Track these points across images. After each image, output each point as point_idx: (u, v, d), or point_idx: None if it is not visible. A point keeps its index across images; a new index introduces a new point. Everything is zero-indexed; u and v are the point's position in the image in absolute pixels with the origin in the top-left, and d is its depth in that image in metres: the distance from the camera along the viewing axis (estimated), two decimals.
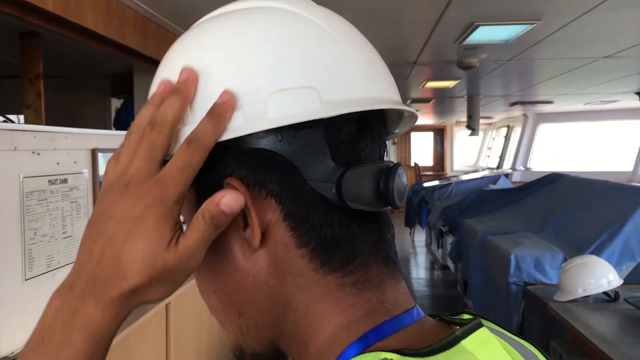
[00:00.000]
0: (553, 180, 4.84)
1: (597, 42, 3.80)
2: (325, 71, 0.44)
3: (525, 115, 10.18)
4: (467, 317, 0.47)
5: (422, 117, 11.40)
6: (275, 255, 0.44)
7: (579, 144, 11.26)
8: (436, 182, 8.79)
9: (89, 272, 0.44)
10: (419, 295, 5.92)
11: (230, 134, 0.43)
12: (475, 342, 0.42)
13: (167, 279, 0.43)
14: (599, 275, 2.66)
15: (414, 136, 14.16)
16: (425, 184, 8.77)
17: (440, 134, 14.11)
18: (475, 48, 3.83)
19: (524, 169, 10.09)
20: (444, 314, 0.48)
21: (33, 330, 0.45)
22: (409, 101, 7.70)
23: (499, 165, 11.37)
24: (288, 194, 0.43)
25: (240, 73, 0.43)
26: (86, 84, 5.19)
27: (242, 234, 0.45)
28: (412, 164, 12.98)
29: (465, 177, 9.07)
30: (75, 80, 5.10)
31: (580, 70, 4.93)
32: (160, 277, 0.43)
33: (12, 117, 4.78)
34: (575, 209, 3.92)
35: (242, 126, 0.43)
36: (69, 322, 0.43)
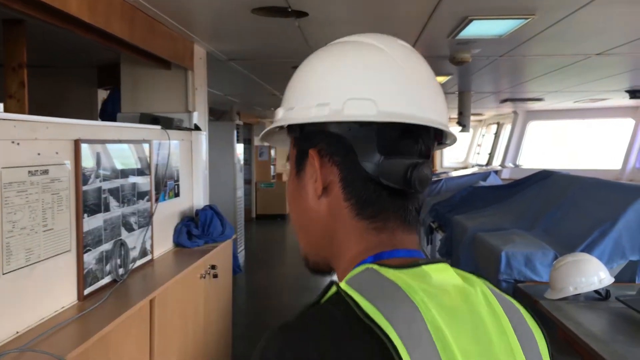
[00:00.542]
0: (544, 177, 4.82)
1: (590, 39, 3.77)
2: (385, 90, 0.68)
3: (515, 112, 10.19)
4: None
5: None
6: (331, 203, 0.71)
7: (566, 142, 11.30)
8: None
9: None
10: None
11: (321, 119, 0.69)
12: (433, 268, 0.64)
13: None
14: (591, 273, 2.64)
15: None
16: None
17: None
18: (468, 43, 3.79)
19: (513, 166, 10.10)
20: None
21: None
22: None
23: (489, 162, 11.39)
24: (345, 165, 0.69)
25: (331, 83, 0.70)
26: (72, 74, 5.09)
27: (314, 185, 0.71)
28: None
29: (455, 174, 9.05)
30: (61, 70, 5.00)
31: (572, 68, 4.91)
32: None
33: None
34: (566, 206, 3.90)
35: (327, 116, 0.68)
36: None
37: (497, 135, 11.63)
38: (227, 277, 3.84)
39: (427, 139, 0.71)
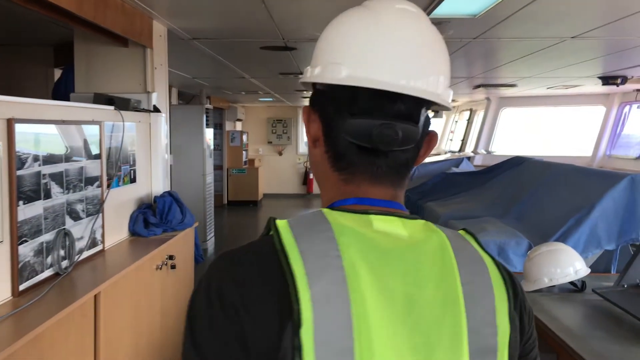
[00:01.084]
0: (516, 163, 4.71)
1: (566, 20, 3.65)
2: (358, 55, 0.73)
3: (488, 98, 10.12)
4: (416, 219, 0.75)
5: None
6: (320, 154, 0.80)
7: (538, 129, 11.30)
8: None
9: None
10: None
11: (303, 80, 0.81)
12: (381, 218, 0.71)
13: None
14: (566, 263, 2.52)
15: None
16: None
17: None
18: (441, 23, 3.63)
19: (485, 153, 10.06)
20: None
21: None
22: None
23: (461, 149, 11.34)
24: (326, 122, 0.77)
25: (321, 47, 0.79)
26: (26, 53, 4.80)
27: (309, 136, 0.81)
28: None
29: (427, 160, 8.95)
30: (13, 48, 4.70)
31: (546, 52, 4.80)
32: None
33: None
34: (540, 193, 3.78)
35: (308, 77, 0.80)
36: None
37: (469, 121, 11.57)
38: (188, 268, 3.65)
39: (409, 100, 0.73)
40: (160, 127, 3.64)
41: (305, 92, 8.87)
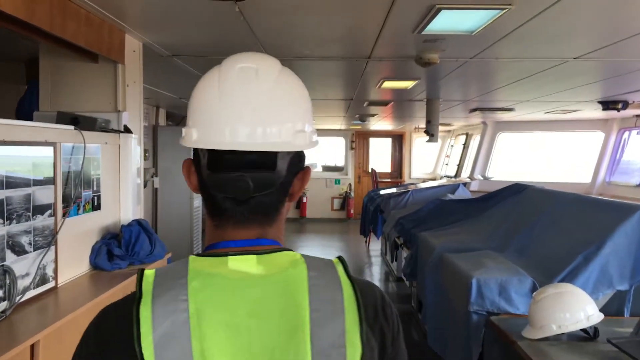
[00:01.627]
0: (517, 191, 4.40)
1: (569, 40, 3.41)
2: (203, 119, 0.81)
3: (484, 123, 9.91)
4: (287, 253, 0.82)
5: (381, 122, 11.03)
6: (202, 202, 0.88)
7: (535, 155, 11.08)
8: (393, 190, 8.39)
9: None
10: None
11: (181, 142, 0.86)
12: (237, 258, 0.77)
13: None
14: (576, 308, 2.22)
15: (373, 142, 13.77)
16: (382, 191, 8.35)
17: (398, 140, 13.78)
18: (436, 41, 3.38)
19: (482, 178, 9.81)
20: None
21: None
22: (366, 103, 7.25)
23: (457, 174, 11.09)
24: (200, 177, 0.84)
25: (188, 111, 0.86)
26: None
27: None
28: (370, 170, 12.59)
29: (423, 185, 8.69)
30: None
31: (547, 74, 4.57)
32: None
33: None
34: (543, 224, 3.48)
35: (181, 139, 0.85)
36: None
37: (465, 146, 11.34)
38: None
39: (259, 151, 0.79)
40: (132, 149, 3.35)
41: None
